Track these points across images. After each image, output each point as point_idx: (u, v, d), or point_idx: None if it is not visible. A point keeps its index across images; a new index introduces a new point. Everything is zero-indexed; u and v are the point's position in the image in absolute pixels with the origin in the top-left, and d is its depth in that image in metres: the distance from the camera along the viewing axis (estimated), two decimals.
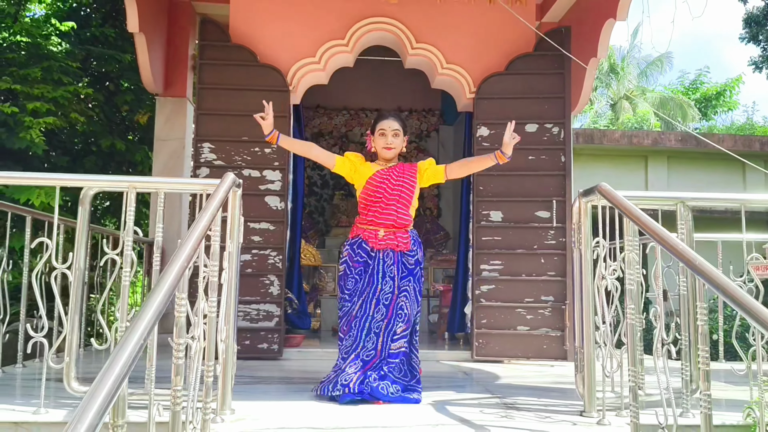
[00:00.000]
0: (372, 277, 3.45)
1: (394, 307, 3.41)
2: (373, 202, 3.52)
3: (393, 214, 3.50)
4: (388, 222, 3.49)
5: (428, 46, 5.16)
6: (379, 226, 3.49)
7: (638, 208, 2.91)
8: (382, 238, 3.48)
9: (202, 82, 4.98)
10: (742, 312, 1.79)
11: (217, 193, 2.55)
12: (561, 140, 5.04)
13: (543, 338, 4.87)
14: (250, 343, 4.78)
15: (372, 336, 3.38)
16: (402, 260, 3.49)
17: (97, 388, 1.33)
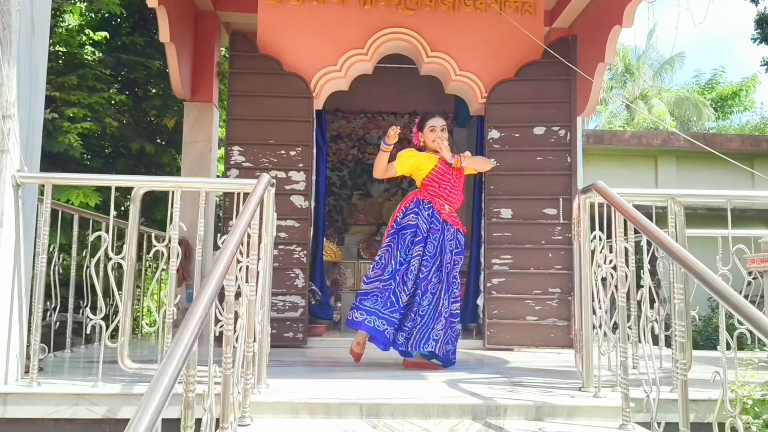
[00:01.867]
0: (442, 245, 4.09)
1: (452, 276, 4.12)
2: (441, 185, 4.18)
3: (457, 196, 4.22)
4: (453, 199, 4.20)
5: (442, 54, 5.49)
6: (446, 202, 4.17)
7: (633, 204, 3.25)
8: (447, 213, 4.15)
9: (232, 90, 5.35)
10: (707, 289, 2.12)
11: (255, 191, 2.91)
12: (567, 142, 5.35)
13: (550, 327, 5.18)
14: (276, 332, 5.13)
15: (428, 295, 4.03)
16: (457, 236, 4.20)
17: (175, 347, 1.68)
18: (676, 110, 23.07)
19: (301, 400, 2.97)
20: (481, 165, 4.41)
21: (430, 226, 4.08)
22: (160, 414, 1.41)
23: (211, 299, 1.93)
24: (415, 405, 3.00)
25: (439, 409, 2.99)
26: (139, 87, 8.76)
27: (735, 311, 1.96)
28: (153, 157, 8.23)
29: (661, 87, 25.23)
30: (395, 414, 2.97)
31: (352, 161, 8.56)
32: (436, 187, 4.18)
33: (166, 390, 1.46)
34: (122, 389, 3.17)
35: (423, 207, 4.14)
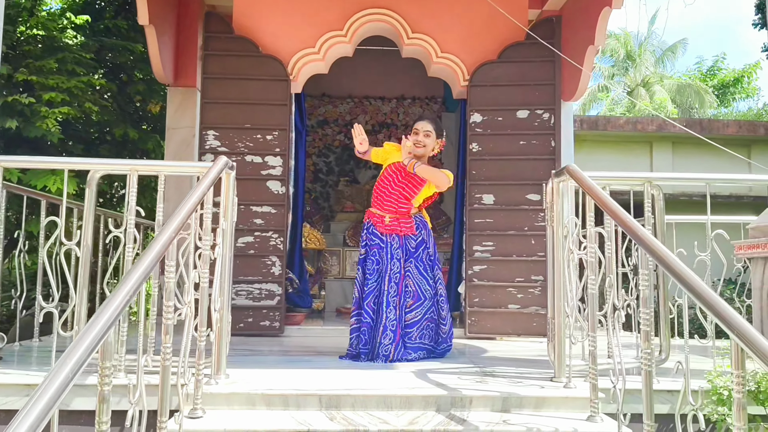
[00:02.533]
0: (384, 259, 3.96)
1: (403, 285, 3.94)
2: (380, 188, 4.06)
3: (394, 203, 4.01)
4: (390, 209, 4.00)
5: (423, 35, 5.34)
6: (385, 212, 4.00)
7: (610, 188, 3.11)
8: (389, 224, 3.97)
9: (206, 72, 5.22)
10: (671, 276, 1.99)
11: (208, 174, 2.78)
12: (551, 126, 5.21)
13: (533, 316, 5.07)
14: (252, 321, 5.03)
15: (392, 309, 3.90)
16: (406, 243, 3.98)
17: (81, 337, 1.56)
18: (677, 97, 22.93)
19: (258, 391, 2.86)
20: (436, 178, 3.94)
21: (372, 244, 4.00)
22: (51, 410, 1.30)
23: (134, 287, 1.81)
24: (377, 396, 2.89)
25: (402, 401, 2.88)
26: (123, 72, 8.62)
27: (698, 299, 1.84)
28: (137, 143, 8.10)
29: (663, 74, 25.05)
30: (356, 406, 2.86)
31: (339, 147, 8.42)
32: (375, 197, 4.08)
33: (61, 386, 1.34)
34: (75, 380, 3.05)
35: (365, 229, 4.07)
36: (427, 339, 3.96)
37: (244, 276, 5.07)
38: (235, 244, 5.08)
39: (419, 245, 4.00)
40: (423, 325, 3.95)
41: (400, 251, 3.95)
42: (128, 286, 1.75)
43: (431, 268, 4.03)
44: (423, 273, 3.98)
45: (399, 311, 3.91)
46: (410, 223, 4.01)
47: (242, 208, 5.11)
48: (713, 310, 1.72)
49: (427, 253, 4.02)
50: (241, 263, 5.07)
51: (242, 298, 5.05)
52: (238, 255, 5.07)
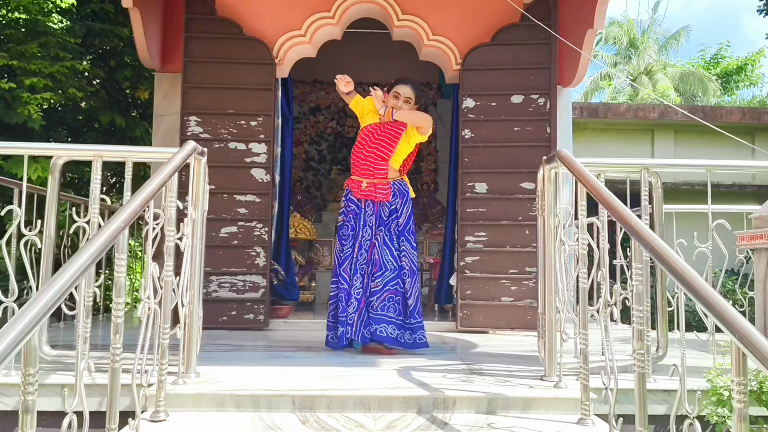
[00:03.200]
0: (357, 225, 3.80)
1: (371, 253, 3.78)
2: (356, 153, 3.86)
3: (370, 167, 3.80)
4: (366, 173, 3.80)
5: (414, 17, 5.13)
6: (362, 177, 3.81)
7: (606, 176, 2.92)
8: (365, 189, 3.80)
9: (188, 56, 5.02)
10: (667, 272, 1.80)
11: (171, 160, 2.59)
12: (547, 111, 5.00)
13: (527, 309, 4.88)
14: (236, 314, 4.86)
15: (359, 276, 3.74)
16: (380, 210, 3.81)
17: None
18: (681, 85, 22.70)
19: (227, 391, 2.68)
20: (418, 118, 3.83)
21: (348, 211, 3.85)
22: None
23: (68, 282, 1.62)
24: (354, 397, 2.71)
25: (381, 402, 2.70)
26: (112, 58, 8.41)
27: (697, 298, 1.65)
28: (125, 130, 7.90)
29: (666, 62, 24.78)
30: (332, 407, 2.68)
31: (331, 134, 8.22)
32: (356, 154, 3.88)
33: None
34: None
35: (345, 196, 3.91)
36: (392, 312, 3.73)
37: (228, 267, 4.89)
38: (218, 234, 4.91)
39: (391, 213, 3.83)
40: (384, 297, 3.73)
41: (373, 218, 3.80)
42: (56, 287, 1.57)
43: (397, 238, 3.82)
44: (387, 242, 3.79)
45: (366, 279, 3.76)
46: (386, 189, 3.81)
47: (225, 197, 4.93)
48: (713, 311, 1.53)
49: (396, 223, 3.82)
50: (224, 254, 4.90)
51: (225, 290, 4.88)
52: (221, 246, 4.90)
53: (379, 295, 3.74)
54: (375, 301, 3.73)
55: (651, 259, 2.80)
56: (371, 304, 3.73)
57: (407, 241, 3.81)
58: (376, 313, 3.72)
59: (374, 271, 3.75)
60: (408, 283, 3.81)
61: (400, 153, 3.87)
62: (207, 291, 4.86)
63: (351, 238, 3.80)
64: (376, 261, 3.76)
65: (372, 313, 3.72)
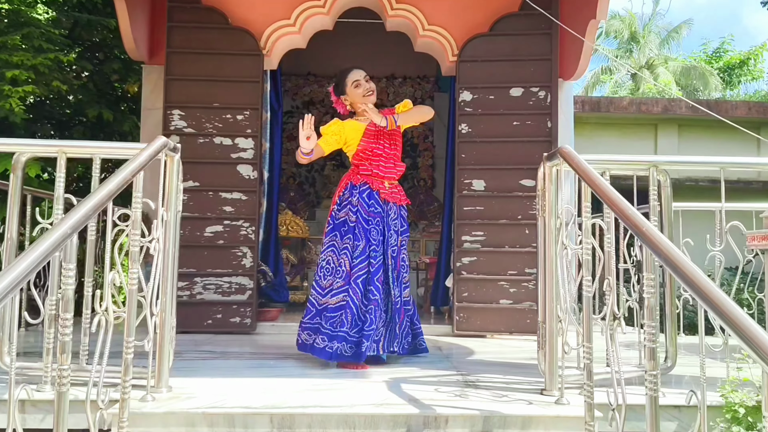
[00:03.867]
0: (382, 229, 3.45)
1: (400, 259, 3.52)
2: (375, 156, 3.50)
3: (394, 166, 3.55)
4: (391, 174, 3.53)
5: (408, 6, 4.90)
6: (384, 179, 3.50)
7: (610, 173, 2.69)
8: (389, 190, 3.51)
9: (171, 46, 4.79)
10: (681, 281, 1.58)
11: (137, 157, 2.36)
12: (547, 105, 4.77)
13: (526, 312, 4.66)
14: (221, 317, 4.64)
15: (396, 285, 3.46)
16: (401, 214, 3.56)
17: None
18: (682, 79, 22.52)
19: (200, 409, 2.46)
20: (420, 116, 3.62)
21: (370, 211, 3.42)
22: None
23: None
24: (338, 415, 2.48)
25: (367, 421, 2.48)
26: (100, 50, 8.17)
27: (720, 317, 1.42)
28: (113, 125, 7.66)
29: (668, 56, 24.57)
30: (313, 425, 2.46)
31: None
32: (369, 162, 3.49)
33: None
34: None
35: (358, 192, 3.45)
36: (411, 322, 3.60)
37: (213, 268, 4.67)
38: (203, 233, 4.69)
39: (405, 221, 3.63)
40: (411, 306, 3.62)
41: (398, 222, 3.52)
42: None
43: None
44: (405, 249, 3.63)
45: (399, 289, 3.49)
46: (402, 191, 3.64)
47: (210, 194, 4.70)
48: (741, 333, 1.30)
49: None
50: (209, 254, 4.67)
51: (210, 292, 4.65)
52: (206, 246, 4.68)
53: (408, 306, 3.57)
54: (406, 312, 3.54)
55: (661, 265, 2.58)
56: (400, 314, 3.49)
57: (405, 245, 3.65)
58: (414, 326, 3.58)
59: (406, 279, 3.54)
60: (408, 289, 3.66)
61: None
62: (191, 293, 4.64)
63: (372, 243, 3.38)
64: (406, 266, 3.56)
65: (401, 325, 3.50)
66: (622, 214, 2.04)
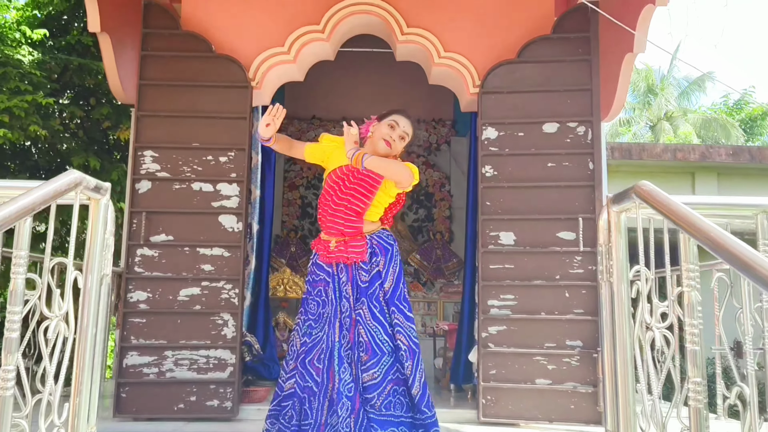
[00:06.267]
0: (332, 299, 2.82)
1: (355, 333, 2.78)
2: (322, 204, 2.94)
3: (340, 220, 2.86)
4: (334, 230, 2.86)
5: (422, 30, 4.21)
6: (331, 236, 2.88)
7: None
8: (334, 250, 2.85)
9: (144, 78, 4.13)
10: None
11: (21, 198, 1.61)
12: (588, 142, 4.01)
13: (570, 395, 3.78)
14: (196, 400, 3.81)
15: (346, 366, 2.73)
16: (356, 276, 2.84)
17: None
18: (702, 131, 22.04)
19: None
20: (394, 172, 2.83)
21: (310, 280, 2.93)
22: None
23: None
24: None
25: None
26: (92, 95, 7.62)
27: None
28: (100, 173, 7.02)
29: (687, 108, 24.18)
30: None
31: None
32: (323, 206, 2.92)
33: None
34: None
35: (313, 263, 2.96)
36: (399, 409, 2.71)
37: (187, 340, 3.87)
38: (176, 297, 3.91)
39: (374, 278, 2.84)
40: (388, 390, 2.72)
41: (349, 287, 2.83)
42: None
43: (387, 309, 2.84)
44: (377, 317, 2.80)
45: (355, 369, 2.72)
46: (361, 246, 2.85)
47: (186, 250, 3.94)
48: None
49: (382, 290, 2.86)
50: (183, 323, 3.88)
51: (184, 369, 3.84)
52: (180, 312, 3.90)
53: (380, 390, 2.70)
54: (376, 398, 2.68)
55: None
56: (371, 402, 2.68)
57: (400, 312, 2.80)
58: (380, 414, 2.67)
59: (365, 359, 2.71)
60: (408, 367, 2.75)
61: (378, 205, 2.92)
62: (160, 370, 3.83)
63: (321, 319, 2.80)
64: (365, 344, 2.72)
65: (374, 414, 2.66)
66: (752, 269, 1.24)
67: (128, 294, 3.89)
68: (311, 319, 2.85)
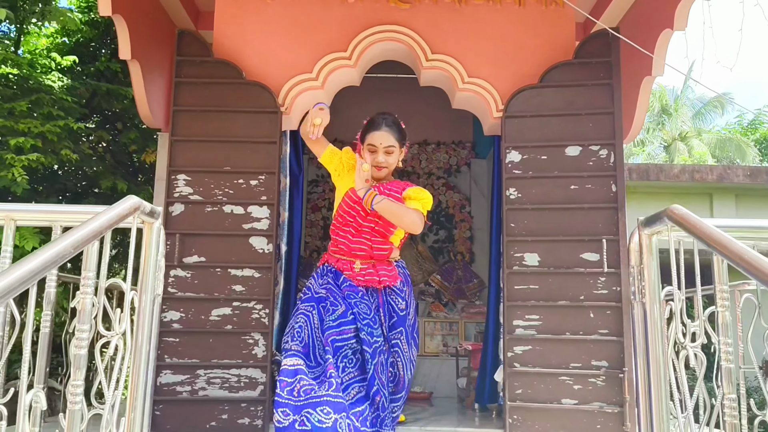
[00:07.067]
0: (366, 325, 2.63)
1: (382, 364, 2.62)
2: (344, 226, 2.80)
3: (366, 243, 2.75)
4: (360, 253, 2.74)
5: (446, 57, 4.33)
6: (354, 257, 2.74)
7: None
8: (359, 272, 2.71)
9: (178, 104, 4.27)
10: None
11: (90, 222, 1.71)
12: (611, 165, 4.08)
13: (596, 415, 3.82)
14: (227, 417, 3.89)
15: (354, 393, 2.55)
16: (389, 300, 2.73)
17: None
18: (717, 151, 22.05)
19: None
20: (404, 219, 2.69)
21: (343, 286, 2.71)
22: None
23: None
24: None
25: None
26: (119, 119, 7.81)
27: None
28: (126, 195, 7.18)
29: (701, 128, 24.21)
30: None
31: None
32: (343, 226, 2.80)
33: None
34: None
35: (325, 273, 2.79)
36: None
37: (219, 359, 3.96)
38: (208, 317, 4.00)
39: (408, 307, 2.77)
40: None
41: (382, 313, 2.71)
42: None
43: (417, 347, 2.82)
44: (413, 349, 2.76)
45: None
46: (391, 271, 2.77)
47: (218, 271, 4.05)
48: None
49: (415, 322, 2.82)
50: (215, 342, 3.98)
51: (216, 387, 3.92)
52: (212, 332, 3.99)
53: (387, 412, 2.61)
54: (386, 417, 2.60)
55: None
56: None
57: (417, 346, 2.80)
58: None
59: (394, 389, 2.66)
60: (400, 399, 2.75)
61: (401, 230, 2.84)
62: (193, 388, 3.92)
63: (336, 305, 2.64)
64: (399, 378, 2.67)
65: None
66: None
67: (162, 314, 3.99)
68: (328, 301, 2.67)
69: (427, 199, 2.82)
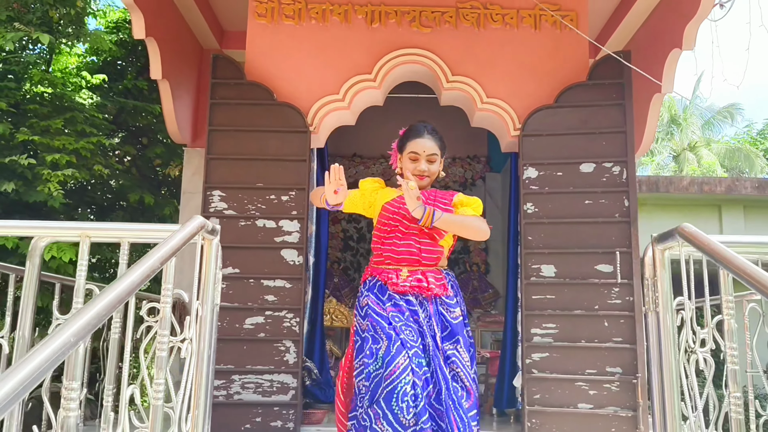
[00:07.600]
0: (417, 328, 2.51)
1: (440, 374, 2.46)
2: (388, 233, 2.66)
3: (414, 246, 2.62)
4: (408, 257, 2.62)
5: (465, 78, 4.57)
6: (399, 263, 2.61)
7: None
8: (406, 280, 2.56)
9: (213, 124, 4.51)
10: None
11: (169, 240, 1.95)
12: (623, 181, 4.30)
13: (611, 419, 4.02)
14: (261, 421, 4.11)
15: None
16: (440, 310, 2.58)
17: None
18: (726, 161, 22.08)
19: None
20: (469, 228, 2.63)
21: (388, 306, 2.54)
22: None
23: None
24: None
25: None
26: (144, 135, 8.10)
27: None
28: (154, 209, 7.45)
29: (710, 138, 24.27)
30: None
31: None
32: (384, 235, 2.68)
33: None
34: None
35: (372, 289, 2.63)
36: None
37: (253, 365, 4.19)
38: (242, 325, 4.24)
39: (462, 316, 2.64)
40: None
41: (433, 323, 2.54)
42: None
43: (474, 357, 2.63)
44: (472, 357, 2.59)
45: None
46: (441, 279, 2.63)
47: (252, 282, 4.28)
48: None
49: (468, 330, 2.67)
50: (248, 349, 4.21)
51: (249, 392, 4.15)
52: (246, 339, 4.22)
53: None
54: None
55: None
56: None
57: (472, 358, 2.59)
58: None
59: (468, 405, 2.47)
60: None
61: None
62: (228, 393, 4.15)
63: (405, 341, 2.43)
64: (467, 390, 2.49)
65: None
66: None
67: None
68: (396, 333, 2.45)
69: (479, 203, 2.77)
